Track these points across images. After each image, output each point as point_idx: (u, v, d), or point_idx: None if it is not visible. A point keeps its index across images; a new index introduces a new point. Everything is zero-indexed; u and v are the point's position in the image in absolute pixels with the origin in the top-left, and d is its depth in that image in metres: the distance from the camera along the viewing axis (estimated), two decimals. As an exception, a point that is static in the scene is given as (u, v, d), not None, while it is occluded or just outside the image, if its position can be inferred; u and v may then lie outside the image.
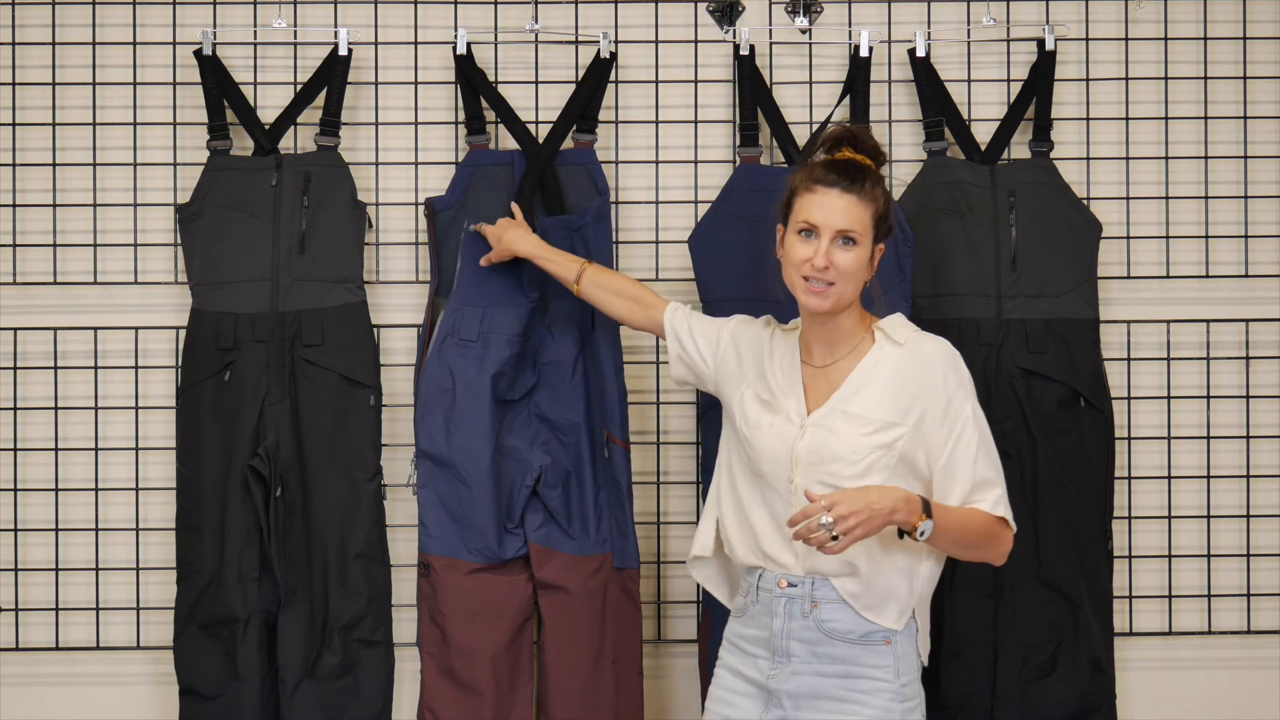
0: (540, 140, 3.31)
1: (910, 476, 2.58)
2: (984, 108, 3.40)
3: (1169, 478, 3.42)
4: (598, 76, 3.32)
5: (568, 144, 3.32)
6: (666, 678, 3.41)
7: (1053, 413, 3.26)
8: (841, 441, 2.58)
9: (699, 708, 3.23)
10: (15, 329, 3.38)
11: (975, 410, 2.62)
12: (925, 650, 2.68)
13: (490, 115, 3.34)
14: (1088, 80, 3.41)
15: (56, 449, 3.39)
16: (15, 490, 3.39)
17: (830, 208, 2.58)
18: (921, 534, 2.46)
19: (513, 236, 3.16)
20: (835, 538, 2.41)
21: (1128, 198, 3.41)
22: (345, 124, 3.35)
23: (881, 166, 2.67)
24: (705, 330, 2.87)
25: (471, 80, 3.32)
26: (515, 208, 3.24)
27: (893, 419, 2.58)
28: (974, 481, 2.57)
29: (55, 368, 3.38)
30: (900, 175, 3.37)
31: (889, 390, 2.60)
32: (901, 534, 2.50)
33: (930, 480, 2.60)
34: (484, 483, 3.19)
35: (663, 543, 3.38)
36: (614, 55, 3.34)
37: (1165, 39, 3.42)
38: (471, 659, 3.19)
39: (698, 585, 3.37)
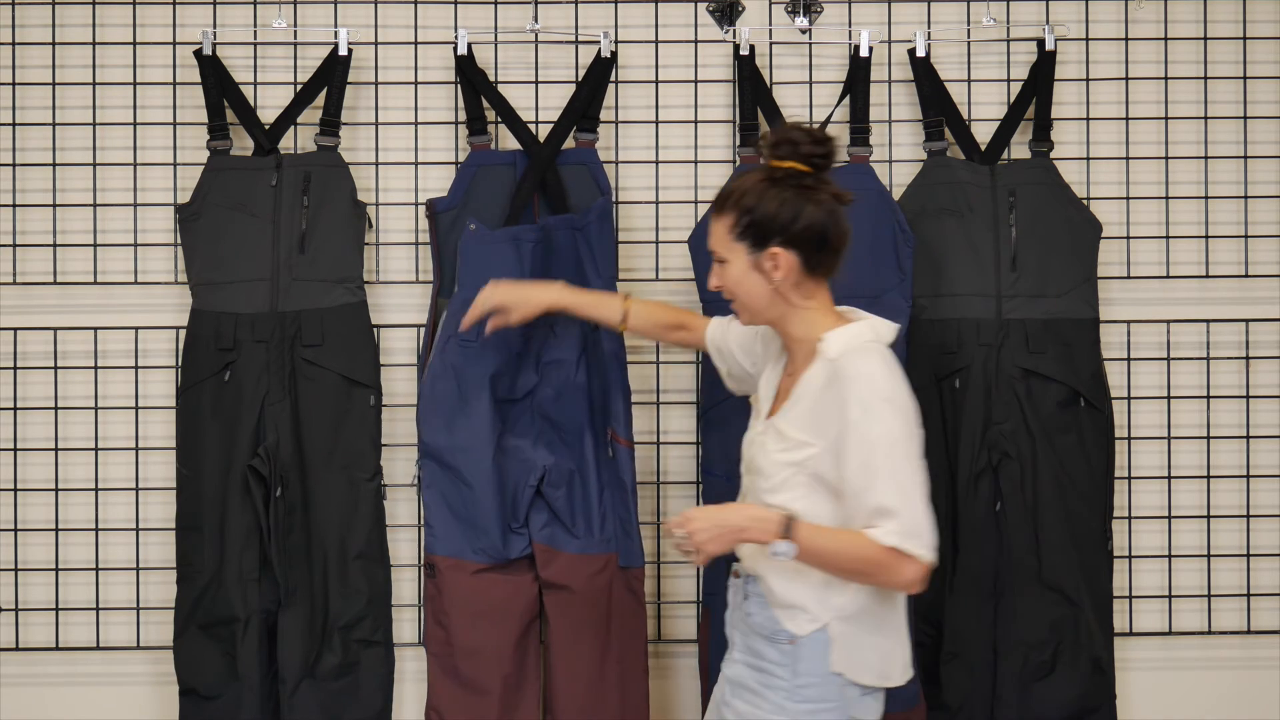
0: (541, 140, 3.31)
1: (831, 497, 2.56)
2: (984, 108, 3.40)
3: (1169, 478, 3.42)
4: (598, 76, 3.32)
5: (569, 143, 3.32)
6: (667, 677, 3.41)
7: (1053, 413, 3.26)
8: (765, 455, 2.61)
9: (699, 707, 3.24)
10: (15, 329, 3.38)
11: (890, 434, 2.50)
12: (860, 676, 2.58)
13: (492, 115, 3.34)
14: (1088, 80, 3.41)
15: (56, 449, 3.39)
16: (15, 490, 3.39)
17: (709, 234, 2.67)
18: (774, 553, 2.49)
19: (531, 292, 3.05)
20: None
21: (1128, 198, 3.41)
22: (345, 124, 3.35)
23: (828, 164, 2.64)
24: (743, 339, 2.89)
25: (472, 80, 3.32)
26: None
27: (807, 438, 2.56)
28: (873, 508, 2.50)
29: (55, 368, 3.38)
30: (900, 175, 3.37)
31: (813, 408, 2.57)
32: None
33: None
34: (487, 483, 3.19)
35: (663, 543, 3.38)
36: (614, 55, 3.34)
37: (1165, 39, 3.42)
38: (477, 659, 3.19)
39: (698, 584, 3.38)
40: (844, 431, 2.51)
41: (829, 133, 2.65)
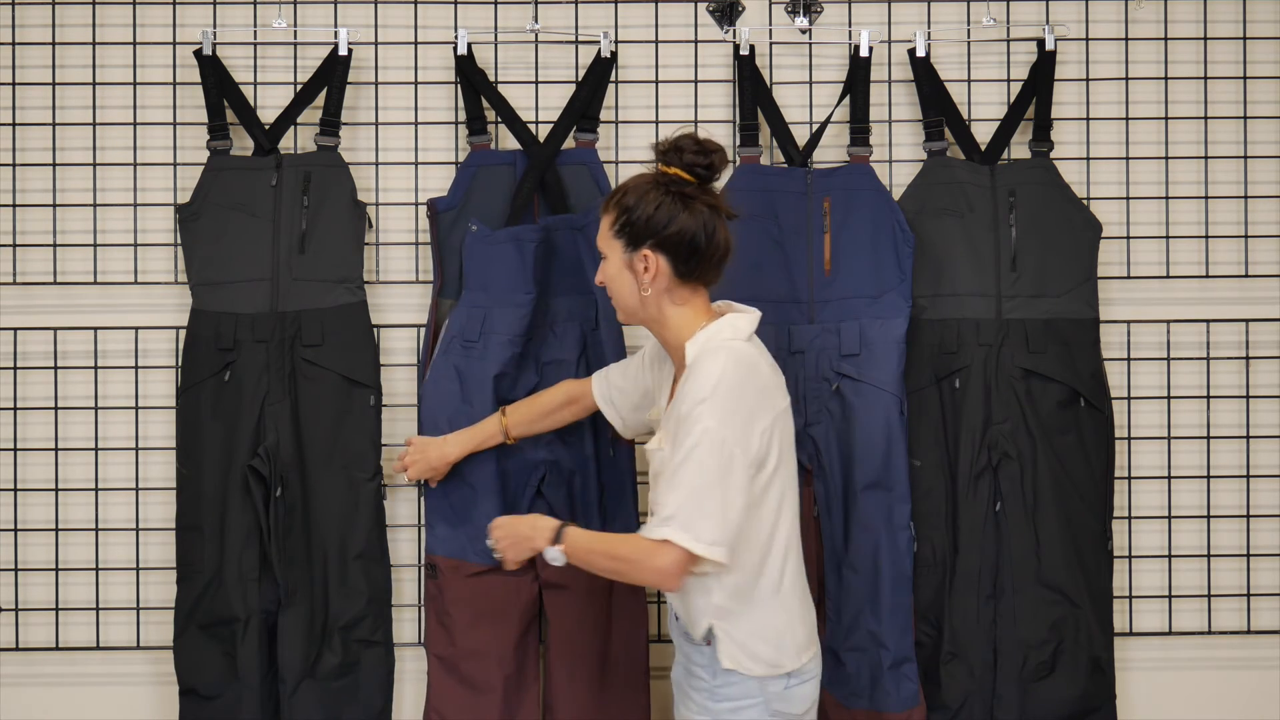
0: (542, 140, 3.31)
1: None
2: (984, 108, 3.40)
3: (1169, 478, 3.42)
4: (599, 76, 3.32)
5: (569, 143, 3.32)
6: (667, 676, 3.40)
7: (1053, 413, 3.26)
8: (654, 462, 2.74)
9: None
10: (15, 329, 3.38)
11: (702, 435, 2.58)
12: (752, 668, 2.67)
13: (492, 116, 3.34)
14: (1088, 80, 3.41)
15: (56, 449, 3.39)
16: (15, 490, 3.39)
17: (599, 230, 2.79)
18: (549, 559, 2.74)
19: (436, 451, 3.15)
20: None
21: (1128, 198, 3.41)
22: (345, 124, 3.35)
23: (712, 176, 2.74)
24: (626, 374, 3.02)
25: (472, 80, 3.32)
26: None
27: (665, 441, 2.69)
28: (656, 506, 2.64)
29: (55, 368, 3.38)
30: (900, 175, 3.37)
31: (672, 411, 2.70)
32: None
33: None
34: (488, 484, 3.19)
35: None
36: (614, 55, 3.34)
37: (1165, 39, 3.42)
38: (478, 660, 3.19)
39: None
40: (675, 428, 2.63)
41: (717, 144, 2.74)
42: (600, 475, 3.23)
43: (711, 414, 2.59)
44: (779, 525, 2.70)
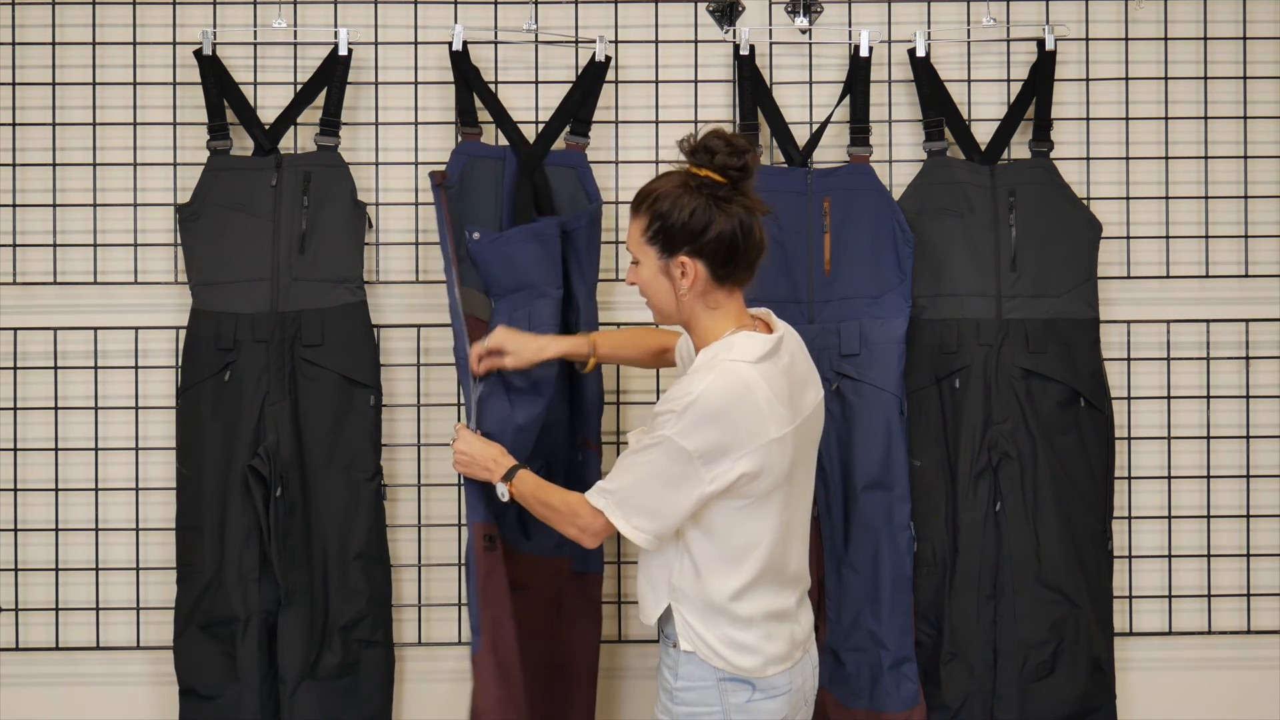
0: (532, 141, 3.30)
1: None
2: (984, 108, 3.40)
3: (1169, 478, 3.42)
4: (592, 80, 3.32)
5: (559, 145, 3.32)
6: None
7: (1053, 413, 3.26)
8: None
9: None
10: (15, 329, 3.38)
11: (665, 445, 2.58)
12: (712, 659, 2.65)
13: (485, 116, 3.33)
14: (1088, 80, 3.41)
15: (56, 449, 3.39)
16: (15, 490, 3.39)
17: (628, 233, 2.74)
18: (501, 496, 2.84)
19: (532, 346, 3.04)
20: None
21: (1128, 198, 3.41)
22: (345, 124, 3.35)
23: (745, 177, 2.66)
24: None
25: (465, 76, 3.32)
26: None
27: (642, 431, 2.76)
28: (609, 474, 2.71)
29: (55, 368, 3.38)
30: (900, 175, 3.37)
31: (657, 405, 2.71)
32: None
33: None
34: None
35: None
36: (609, 59, 3.34)
37: (1165, 39, 3.42)
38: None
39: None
40: (651, 421, 2.66)
41: (748, 143, 2.65)
42: (567, 479, 3.17)
43: (676, 429, 2.57)
44: (758, 543, 2.64)
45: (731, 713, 2.63)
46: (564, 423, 3.21)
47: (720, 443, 2.56)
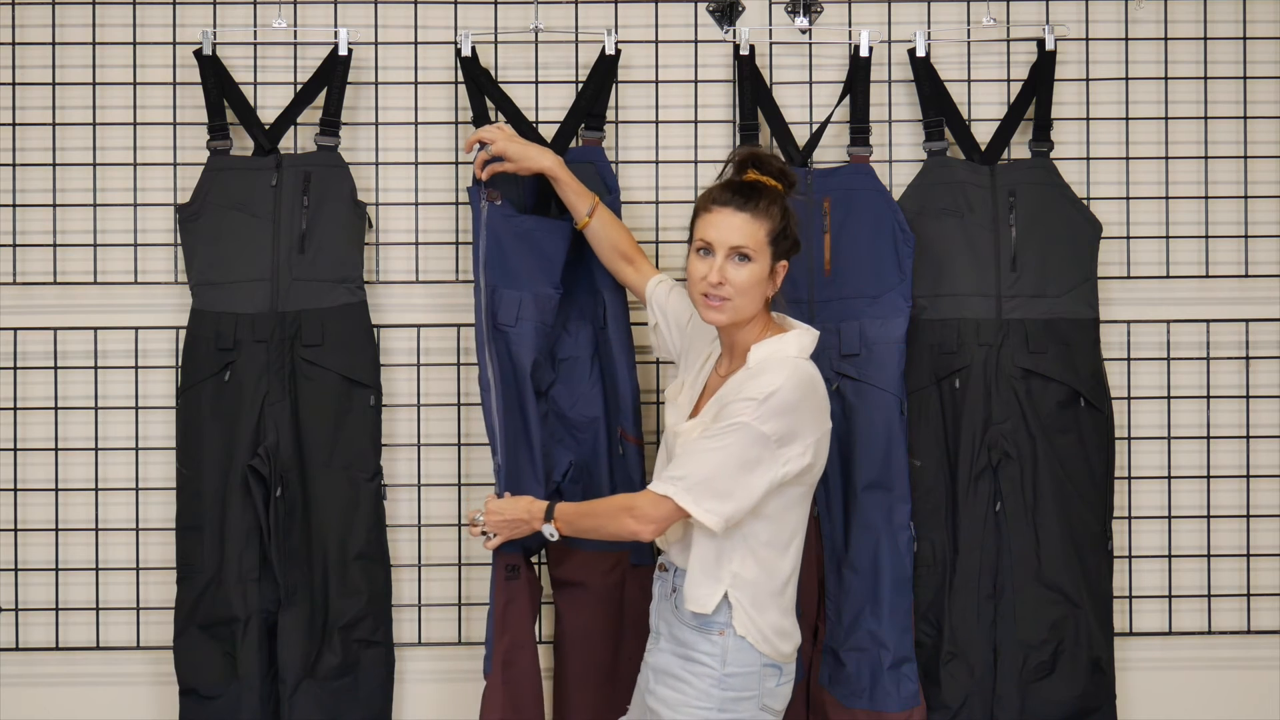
0: (550, 139, 3.30)
1: None
2: (984, 108, 3.40)
3: (1169, 478, 3.42)
4: (604, 74, 3.32)
5: (575, 141, 3.32)
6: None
7: (1053, 413, 3.26)
8: (668, 439, 2.86)
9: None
10: (15, 329, 3.38)
11: (745, 431, 2.68)
12: (776, 653, 2.78)
13: (493, 117, 3.33)
14: (1088, 80, 3.41)
15: (56, 449, 3.39)
16: (15, 490, 3.39)
17: (724, 226, 2.76)
18: (551, 536, 2.89)
19: (532, 151, 3.17)
20: (489, 536, 2.97)
21: (1128, 198, 3.41)
22: (345, 124, 3.35)
23: (791, 188, 2.83)
24: (679, 311, 3.06)
25: (477, 81, 3.31)
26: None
27: (690, 420, 2.83)
28: (673, 464, 2.75)
29: (55, 368, 3.38)
30: (900, 175, 3.37)
31: (717, 398, 2.78)
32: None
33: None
34: (532, 471, 3.18)
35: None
36: (620, 51, 3.34)
37: (1165, 39, 3.42)
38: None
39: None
40: (718, 412, 2.73)
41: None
42: (611, 474, 3.23)
43: (755, 415, 2.68)
44: (798, 532, 2.81)
45: (765, 697, 2.77)
46: (600, 420, 3.22)
47: (794, 429, 2.71)
